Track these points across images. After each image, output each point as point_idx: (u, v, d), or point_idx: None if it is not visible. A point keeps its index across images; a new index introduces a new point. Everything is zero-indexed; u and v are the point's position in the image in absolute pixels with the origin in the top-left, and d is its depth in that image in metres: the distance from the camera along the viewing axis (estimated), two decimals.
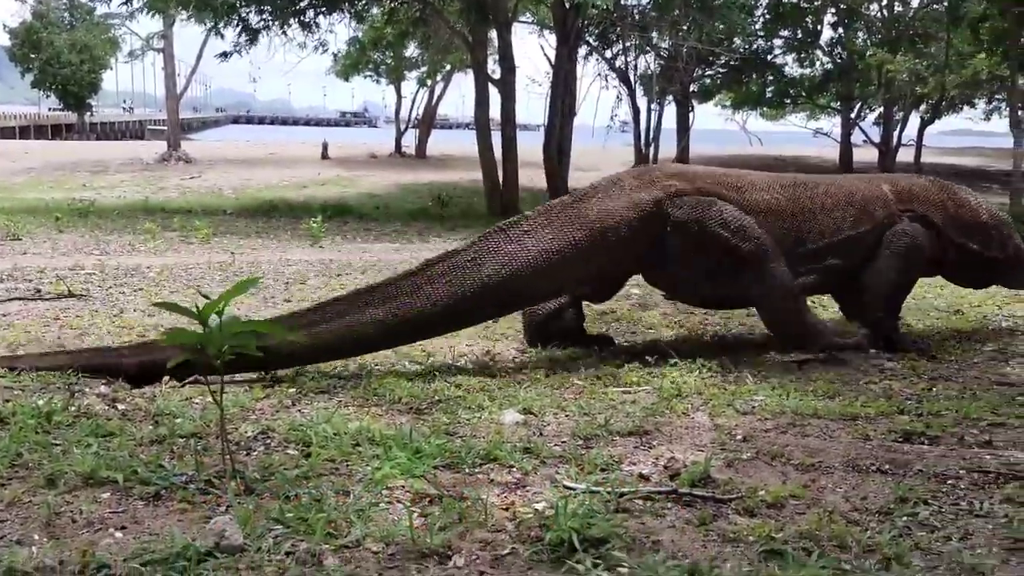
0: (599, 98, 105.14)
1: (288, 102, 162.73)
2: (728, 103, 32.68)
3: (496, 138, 16.63)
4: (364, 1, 18.22)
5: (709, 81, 27.87)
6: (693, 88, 24.70)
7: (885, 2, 26.44)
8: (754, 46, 27.09)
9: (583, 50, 20.09)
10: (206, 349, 2.98)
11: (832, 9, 26.44)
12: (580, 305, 5.41)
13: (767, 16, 26.16)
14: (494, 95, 16.70)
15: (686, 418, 3.88)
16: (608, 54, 21.50)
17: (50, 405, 3.68)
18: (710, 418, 3.88)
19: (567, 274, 4.79)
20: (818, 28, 27.70)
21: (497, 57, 17.66)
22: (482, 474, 3.12)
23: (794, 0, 25.78)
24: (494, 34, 17.49)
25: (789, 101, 31.14)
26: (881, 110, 27.27)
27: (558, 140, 16.69)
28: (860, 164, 26.70)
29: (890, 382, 4.59)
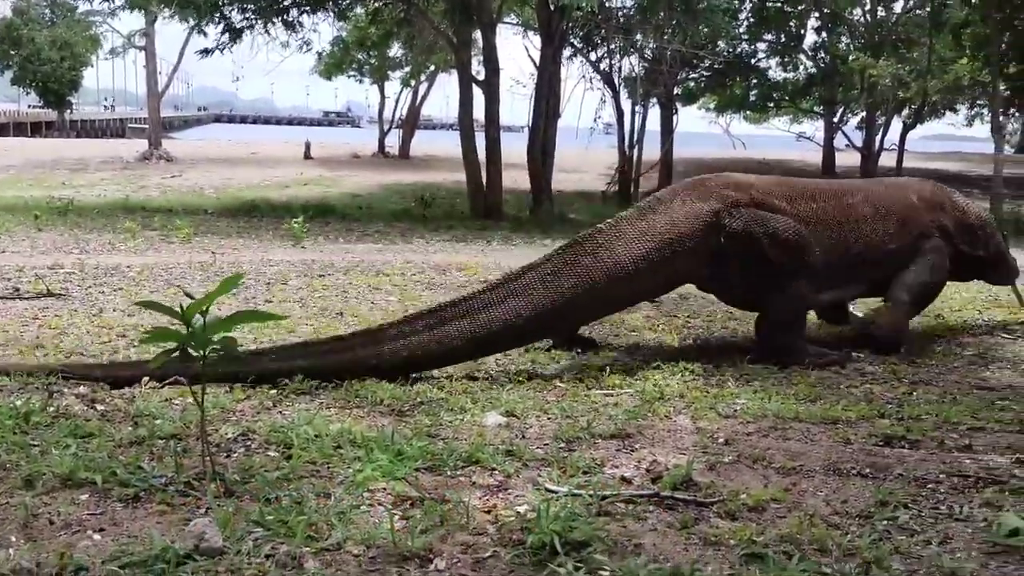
0: (583, 100, 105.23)
1: (271, 101, 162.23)
2: (712, 106, 32.78)
3: (480, 139, 16.60)
4: (348, 0, 18.16)
5: (693, 84, 27.91)
6: (677, 91, 24.70)
7: (868, 7, 26.64)
8: (738, 50, 27.17)
9: (567, 52, 20.06)
10: (189, 349, 2.96)
11: (816, 13, 26.61)
12: None
13: (751, 20, 26.28)
14: (478, 96, 16.66)
15: (668, 421, 3.89)
16: (593, 56, 21.48)
17: (28, 405, 3.65)
18: (692, 421, 3.89)
19: (640, 285, 4.95)
20: (801, 32, 27.89)
21: (481, 58, 17.65)
22: (464, 477, 3.11)
23: (778, 4, 25.95)
24: (478, 35, 17.45)
25: (772, 105, 31.36)
26: (864, 114, 27.49)
27: (542, 142, 16.67)
28: (843, 168, 26.83)
29: (871, 386, 4.62)
